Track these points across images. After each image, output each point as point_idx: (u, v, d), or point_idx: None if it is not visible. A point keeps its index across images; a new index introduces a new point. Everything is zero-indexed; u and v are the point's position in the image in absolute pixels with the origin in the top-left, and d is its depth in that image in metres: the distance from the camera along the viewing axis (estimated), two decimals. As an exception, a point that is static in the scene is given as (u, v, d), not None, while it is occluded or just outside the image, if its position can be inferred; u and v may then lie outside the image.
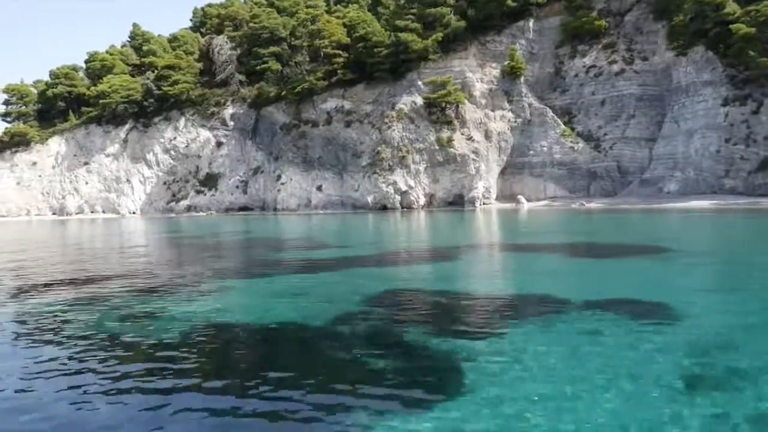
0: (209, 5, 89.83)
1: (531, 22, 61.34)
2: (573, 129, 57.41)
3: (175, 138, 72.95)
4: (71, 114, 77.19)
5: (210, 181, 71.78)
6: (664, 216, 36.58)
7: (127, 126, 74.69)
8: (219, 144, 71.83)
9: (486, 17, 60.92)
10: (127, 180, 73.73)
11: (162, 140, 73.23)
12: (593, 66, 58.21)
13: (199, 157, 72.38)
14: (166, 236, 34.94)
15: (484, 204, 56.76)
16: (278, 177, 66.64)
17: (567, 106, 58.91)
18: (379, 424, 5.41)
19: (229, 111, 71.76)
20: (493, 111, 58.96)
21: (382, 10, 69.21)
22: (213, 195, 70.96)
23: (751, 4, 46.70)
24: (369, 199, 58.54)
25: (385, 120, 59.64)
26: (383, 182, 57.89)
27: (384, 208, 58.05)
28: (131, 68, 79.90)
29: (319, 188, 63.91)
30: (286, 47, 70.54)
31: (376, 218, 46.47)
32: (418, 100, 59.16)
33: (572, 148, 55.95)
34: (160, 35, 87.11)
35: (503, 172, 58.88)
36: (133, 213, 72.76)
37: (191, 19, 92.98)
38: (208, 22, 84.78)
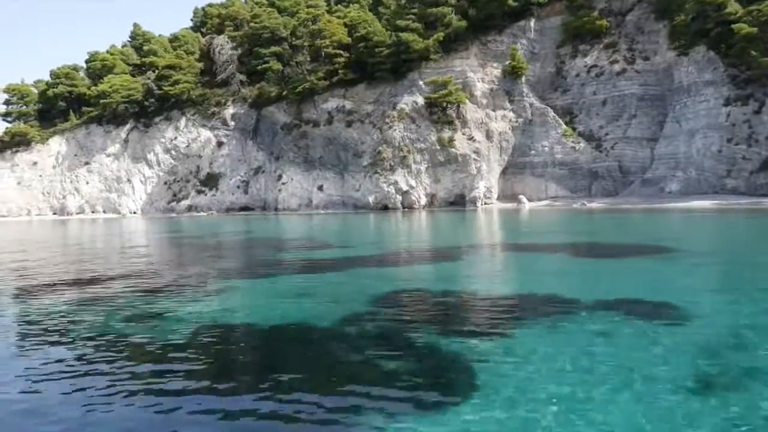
0: (210, 5, 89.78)
1: (532, 22, 61.29)
2: (574, 129, 57.35)
3: (175, 138, 72.90)
4: (72, 114, 77.15)
5: (211, 181, 71.73)
6: (665, 216, 36.54)
7: (128, 126, 74.65)
8: (220, 144, 71.78)
9: (487, 17, 60.89)
10: (128, 180, 73.69)
11: (163, 140, 73.19)
12: (594, 66, 58.15)
13: (200, 157, 72.34)
14: (167, 236, 34.88)
15: (486, 204, 56.71)
16: (279, 177, 66.59)
17: (568, 105, 58.85)
18: (392, 426, 5.38)
19: (229, 111, 71.72)
20: (494, 111, 58.91)
21: (383, 9, 69.18)
22: (214, 195, 70.90)
23: (753, 3, 46.64)
24: (370, 199, 58.48)
25: (387, 120, 59.59)
26: (384, 182, 57.83)
27: (385, 208, 58.00)
28: (132, 68, 79.86)
29: (320, 188, 63.86)
30: (287, 47, 70.51)
31: (377, 218, 46.42)
32: (420, 100, 59.11)
33: (573, 148, 55.90)
34: (161, 35, 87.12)
35: (504, 172, 58.83)
36: (134, 213, 72.72)
37: (192, 19, 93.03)
38: (209, 22, 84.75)
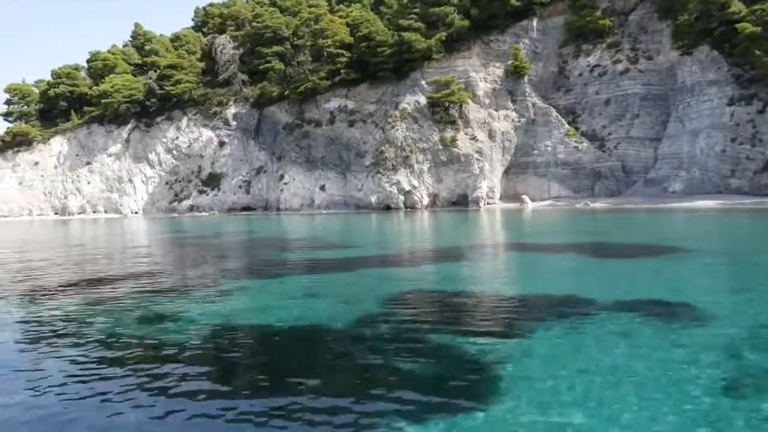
0: (211, 5, 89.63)
1: (535, 22, 61.18)
2: (577, 129, 57.23)
3: (177, 138, 72.80)
4: (73, 114, 77.04)
5: (212, 181, 71.62)
6: (669, 216, 36.44)
7: (130, 126, 74.54)
8: (221, 144, 71.68)
9: (489, 17, 60.79)
10: (130, 180, 73.58)
11: (164, 140, 73.08)
12: (597, 65, 58.02)
13: (202, 156, 72.24)
14: (171, 236, 34.78)
15: (488, 204, 56.60)
16: (281, 177, 66.48)
17: (571, 105, 58.73)
18: (412, 430, 5.27)
19: (231, 111, 71.62)
20: (496, 111, 58.80)
21: (384, 9, 69.07)
22: (215, 195, 70.79)
23: (756, 3, 46.51)
24: (372, 198, 58.36)
25: (389, 120, 59.47)
26: (387, 182, 57.71)
27: (387, 208, 57.89)
28: (133, 68, 79.74)
29: (323, 188, 63.75)
30: (289, 47, 70.42)
31: (380, 218, 46.32)
32: (422, 100, 59.00)
33: (576, 147, 55.78)
34: (162, 35, 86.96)
35: (507, 171, 58.72)
36: (136, 213, 72.61)
37: (193, 19, 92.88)
38: (210, 21, 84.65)
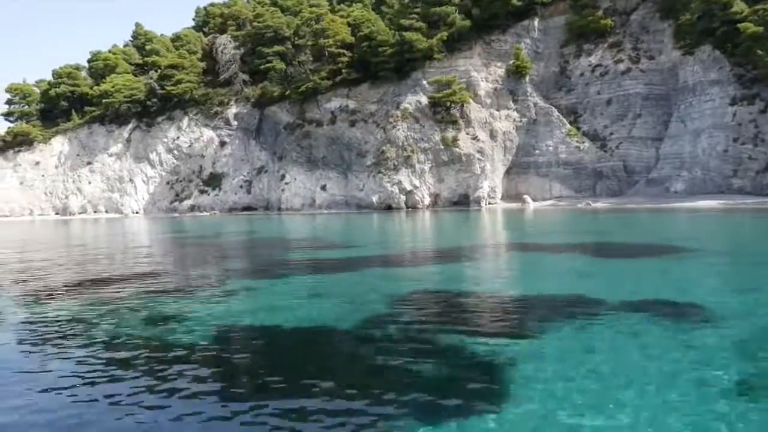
0: (212, 5, 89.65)
1: (536, 21, 61.17)
2: (579, 128, 57.21)
3: (178, 138, 72.76)
4: (74, 113, 77.01)
5: (213, 180, 71.60)
6: (672, 216, 36.41)
7: (130, 125, 74.50)
8: (222, 144, 71.65)
9: (491, 16, 60.80)
10: (130, 180, 73.54)
11: (165, 140, 73.04)
12: (599, 65, 57.99)
13: (203, 156, 72.20)
14: (172, 236, 34.75)
15: (490, 204, 56.57)
16: (282, 177, 66.45)
17: (572, 105, 58.70)
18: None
19: (232, 110, 71.59)
20: (498, 110, 58.77)
21: (385, 9, 69.08)
22: (216, 195, 70.76)
23: (759, 3, 46.49)
24: (374, 198, 58.32)
25: (390, 119, 59.44)
26: (388, 182, 57.68)
27: (389, 207, 57.85)
28: (134, 68, 79.72)
29: (324, 188, 63.72)
30: (290, 46, 70.40)
31: (381, 218, 46.29)
32: (423, 100, 58.97)
33: (578, 147, 55.76)
34: (163, 35, 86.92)
35: (508, 171, 58.69)
36: (136, 213, 72.57)
37: (194, 19, 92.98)
38: (211, 21, 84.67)
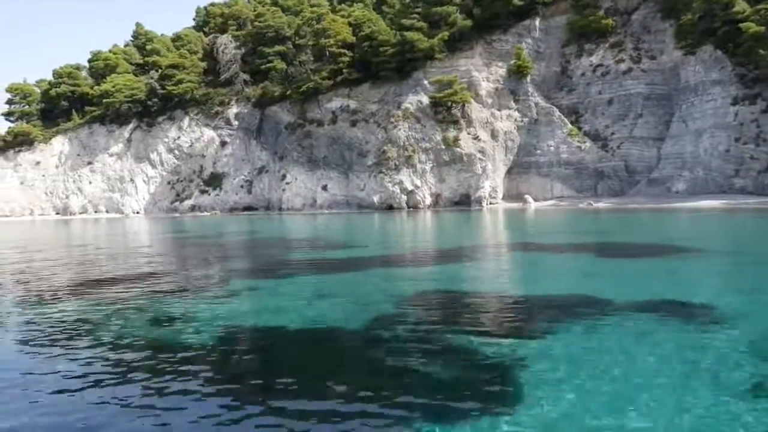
0: (212, 4, 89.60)
1: (537, 21, 61.13)
2: (580, 128, 57.17)
3: (179, 137, 72.70)
4: (75, 113, 76.96)
5: (214, 180, 71.54)
6: (674, 216, 36.38)
7: (131, 125, 74.44)
8: (223, 143, 71.59)
9: (492, 16, 60.77)
10: (131, 180, 73.48)
11: (166, 140, 72.98)
12: (600, 65, 57.96)
13: (204, 156, 72.15)
14: (175, 237, 34.69)
15: (491, 204, 56.53)
16: (283, 177, 66.41)
17: (574, 105, 58.66)
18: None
19: (233, 110, 71.54)
20: (499, 110, 58.72)
21: (386, 9, 69.02)
22: (217, 195, 70.71)
23: (760, 2, 46.47)
24: (375, 198, 58.26)
25: (391, 119, 59.39)
26: (389, 182, 57.62)
27: (390, 207, 57.80)
28: (135, 68, 79.66)
29: (325, 188, 63.66)
30: (291, 46, 70.33)
31: (382, 218, 46.24)
32: (424, 100, 58.92)
33: (579, 147, 55.71)
34: (163, 35, 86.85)
35: (510, 171, 58.65)
36: (137, 213, 72.51)
37: (194, 19, 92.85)
38: (212, 21, 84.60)
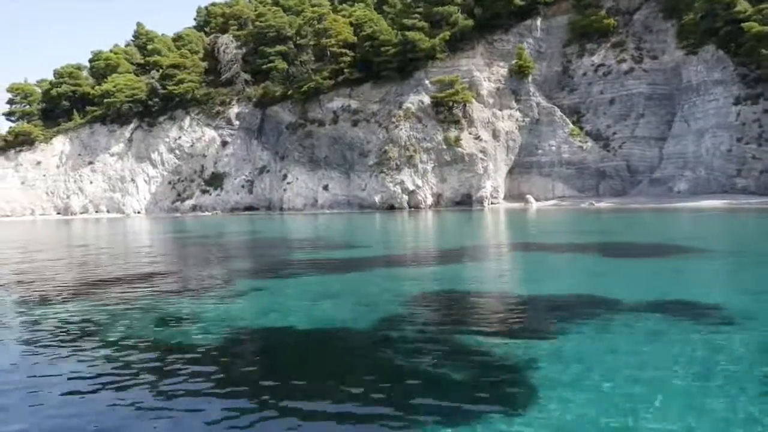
0: (213, 4, 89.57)
1: (539, 21, 61.05)
2: (581, 128, 57.10)
3: (180, 137, 72.65)
4: (75, 113, 76.92)
5: (215, 180, 71.48)
6: (676, 215, 36.32)
7: (132, 125, 74.38)
8: (224, 143, 71.52)
9: (493, 16, 60.71)
10: (132, 179, 73.42)
11: (167, 140, 72.92)
12: (602, 65, 57.88)
13: (205, 156, 72.08)
14: (177, 236, 34.63)
15: (492, 204, 56.46)
16: (284, 176, 66.34)
17: (575, 105, 58.59)
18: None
19: (234, 110, 71.48)
20: (500, 110, 58.66)
21: (387, 8, 68.95)
22: (218, 195, 70.65)
23: (762, 2, 46.41)
24: (376, 198, 58.19)
25: (393, 119, 59.32)
26: (390, 182, 57.55)
27: (391, 207, 57.72)
28: (136, 67, 79.61)
29: (326, 188, 63.60)
30: (292, 46, 70.26)
31: (384, 218, 46.17)
32: (426, 99, 58.85)
33: (581, 147, 55.65)
34: (164, 34, 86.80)
35: (511, 171, 58.57)
36: (138, 213, 72.44)
37: (195, 18, 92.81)
38: (213, 21, 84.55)
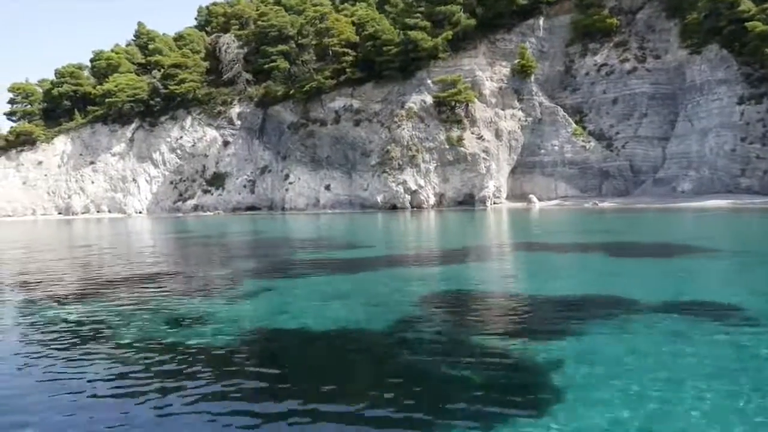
0: (214, 4, 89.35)
1: (541, 21, 60.85)
2: (584, 128, 56.93)
3: (181, 137, 72.50)
4: (77, 113, 76.76)
5: (217, 180, 71.34)
6: (680, 215, 36.20)
7: (134, 125, 74.23)
8: (226, 143, 71.37)
9: (496, 15, 60.47)
10: (134, 179, 73.30)
11: (168, 139, 72.78)
12: (605, 64, 57.71)
13: (206, 156, 71.93)
14: (179, 237, 34.53)
15: (495, 203, 56.32)
16: (286, 176, 66.20)
17: (578, 104, 58.42)
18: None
19: (236, 110, 71.33)
20: (503, 110, 58.50)
21: (390, 8, 68.74)
22: (220, 194, 70.51)
23: (766, 1, 46.25)
24: (378, 198, 58.06)
25: (395, 119, 59.18)
26: (393, 181, 57.41)
27: (393, 207, 57.59)
28: (137, 67, 79.45)
29: (328, 188, 63.47)
30: (294, 46, 70.09)
31: (387, 218, 46.06)
32: (428, 99, 58.69)
33: (584, 147, 55.49)
34: (165, 34, 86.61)
35: (513, 171, 58.43)
36: (140, 213, 72.32)
37: (196, 18, 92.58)
38: (214, 20, 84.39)
